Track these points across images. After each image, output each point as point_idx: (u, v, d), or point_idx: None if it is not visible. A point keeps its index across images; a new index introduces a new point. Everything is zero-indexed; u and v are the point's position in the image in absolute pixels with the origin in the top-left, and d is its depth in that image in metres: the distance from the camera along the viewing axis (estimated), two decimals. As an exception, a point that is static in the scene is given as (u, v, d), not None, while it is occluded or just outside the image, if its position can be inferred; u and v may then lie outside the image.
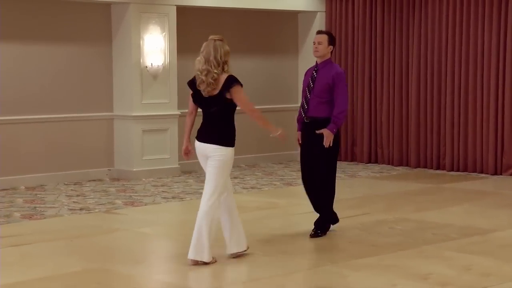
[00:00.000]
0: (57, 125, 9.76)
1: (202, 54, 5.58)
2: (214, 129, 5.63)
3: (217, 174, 5.60)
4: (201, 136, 5.69)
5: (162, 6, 10.10)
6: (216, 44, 5.58)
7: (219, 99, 5.57)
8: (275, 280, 5.39)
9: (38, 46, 9.57)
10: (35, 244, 6.49)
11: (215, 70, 5.53)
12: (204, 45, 5.63)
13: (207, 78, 5.53)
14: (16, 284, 5.29)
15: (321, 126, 6.46)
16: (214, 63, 5.53)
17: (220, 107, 5.60)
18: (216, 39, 5.61)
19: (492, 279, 5.34)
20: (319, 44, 6.55)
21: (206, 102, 5.63)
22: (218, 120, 5.64)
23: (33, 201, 8.42)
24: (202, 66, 5.56)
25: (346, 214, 7.64)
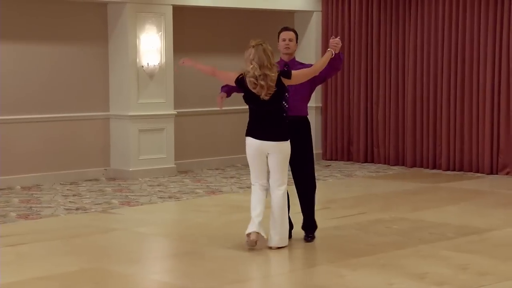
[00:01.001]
0: (53, 125, 9.75)
1: (254, 61, 5.84)
2: (273, 127, 5.94)
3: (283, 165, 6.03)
4: (260, 134, 5.95)
5: (159, 5, 10.09)
6: (265, 48, 5.88)
7: (276, 98, 5.90)
8: (272, 280, 5.39)
9: (35, 46, 9.56)
10: (31, 244, 6.47)
11: (272, 74, 5.84)
12: (252, 52, 5.88)
13: (266, 82, 5.82)
14: (13, 284, 5.28)
15: (301, 125, 6.32)
16: (269, 67, 5.84)
17: (278, 105, 5.95)
18: (261, 44, 5.91)
19: (488, 278, 5.34)
20: (290, 41, 6.39)
21: (262, 102, 5.89)
22: (275, 117, 5.95)
23: (29, 201, 8.40)
24: (258, 72, 5.82)
25: (343, 214, 7.64)
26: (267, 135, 5.95)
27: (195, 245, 6.40)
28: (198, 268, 5.65)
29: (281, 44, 6.39)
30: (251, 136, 6.02)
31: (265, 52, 5.86)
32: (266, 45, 5.93)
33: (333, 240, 6.67)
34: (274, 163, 6.01)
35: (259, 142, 5.97)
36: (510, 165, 10.19)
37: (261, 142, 5.96)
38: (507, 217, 7.48)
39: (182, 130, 10.72)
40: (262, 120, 5.97)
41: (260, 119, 5.98)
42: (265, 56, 5.85)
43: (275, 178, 6.05)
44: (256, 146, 5.99)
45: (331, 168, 11.03)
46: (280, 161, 6.01)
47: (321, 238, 6.82)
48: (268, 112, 5.95)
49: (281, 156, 6.00)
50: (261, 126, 5.97)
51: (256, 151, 6.01)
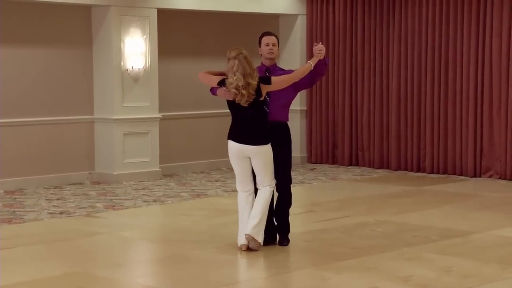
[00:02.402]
0: (37, 128, 9.70)
1: (238, 72, 5.88)
2: (252, 132, 6.02)
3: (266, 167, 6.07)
4: (240, 138, 6.04)
5: (143, 9, 10.07)
6: (245, 56, 5.93)
7: (255, 103, 5.97)
8: (257, 283, 5.38)
9: (18, 49, 9.51)
10: (14, 248, 6.43)
11: (254, 82, 5.90)
12: (235, 64, 5.89)
13: (248, 91, 5.89)
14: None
15: (280, 131, 6.26)
16: (251, 74, 5.91)
17: (258, 110, 6.02)
18: (241, 52, 5.93)
19: (472, 281, 5.37)
20: (273, 46, 6.30)
21: (242, 108, 5.97)
22: (255, 121, 6.02)
23: (12, 205, 8.35)
24: (241, 83, 5.88)
25: (327, 217, 7.65)
26: (246, 139, 6.03)
27: (180, 248, 6.39)
28: (182, 272, 5.64)
29: (264, 49, 6.32)
30: (232, 139, 6.11)
31: (246, 60, 5.93)
32: (245, 52, 5.97)
33: (318, 243, 6.68)
34: (256, 166, 6.10)
35: (239, 146, 6.06)
36: (493, 168, 10.25)
37: (241, 145, 6.05)
38: (490, 219, 7.51)
39: (167, 133, 10.70)
40: (243, 124, 6.06)
41: (240, 123, 6.07)
42: (247, 65, 5.91)
43: (260, 179, 6.13)
44: (237, 150, 6.08)
45: (316, 171, 11.05)
46: (262, 164, 6.08)
47: (305, 241, 6.82)
48: (248, 116, 6.02)
49: (263, 159, 6.07)
50: (241, 130, 6.06)
51: (237, 154, 6.10)
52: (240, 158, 6.11)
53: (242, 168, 6.14)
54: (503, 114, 10.09)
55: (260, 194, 6.12)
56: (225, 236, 6.77)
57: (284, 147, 6.26)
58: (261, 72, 6.27)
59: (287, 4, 11.65)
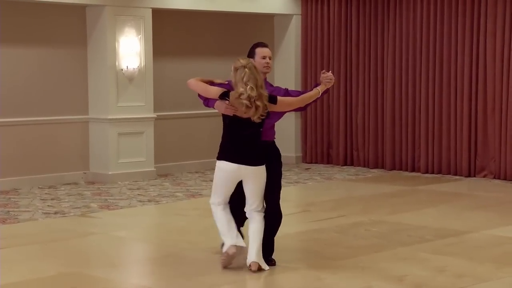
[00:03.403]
0: (32, 128, 9.69)
1: (250, 82, 5.33)
2: (252, 152, 5.47)
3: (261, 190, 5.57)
4: (238, 158, 5.45)
5: (138, 8, 10.07)
6: (256, 67, 5.44)
7: (261, 121, 5.45)
8: (251, 283, 5.39)
9: (12, 49, 9.49)
10: (9, 248, 6.42)
11: (266, 93, 5.42)
12: (246, 73, 5.35)
13: (262, 102, 5.36)
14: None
15: (270, 150, 5.68)
16: (262, 86, 5.42)
17: (258, 129, 5.48)
18: (249, 61, 5.44)
19: (466, 280, 5.38)
20: (269, 59, 5.69)
21: (245, 124, 5.43)
22: (253, 141, 5.48)
23: (7, 205, 8.34)
24: (255, 93, 5.33)
25: (322, 217, 7.66)
26: (245, 159, 5.45)
27: (175, 248, 6.38)
28: (177, 272, 5.63)
29: (260, 62, 5.64)
30: (227, 160, 5.47)
31: (257, 71, 5.41)
32: (252, 63, 5.48)
33: (313, 243, 6.68)
34: (252, 189, 5.53)
35: (236, 167, 5.45)
36: (487, 168, 10.27)
37: (239, 166, 5.45)
38: (484, 219, 7.53)
39: (162, 133, 10.70)
40: (241, 143, 5.46)
41: (238, 142, 5.47)
42: (258, 76, 5.40)
43: (254, 204, 5.57)
44: (232, 171, 5.47)
45: (311, 171, 11.06)
46: (258, 187, 5.54)
47: (300, 241, 6.83)
48: (249, 135, 5.46)
49: (259, 181, 5.53)
50: (239, 149, 5.45)
51: (231, 176, 5.50)
52: (232, 180, 5.52)
53: (230, 190, 5.57)
54: (497, 114, 10.11)
55: (256, 223, 5.58)
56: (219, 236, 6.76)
57: (276, 165, 5.68)
58: None
59: (282, 4, 11.66)
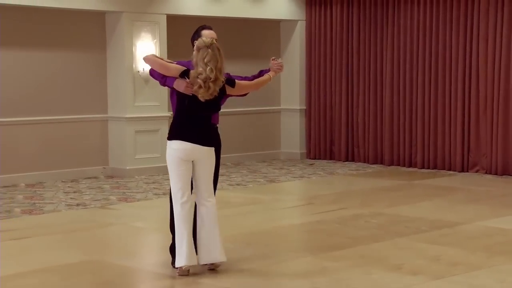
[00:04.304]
0: (56, 126, 9.73)
1: (211, 63, 4.92)
2: (206, 133, 5.09)
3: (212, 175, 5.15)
4: (193, 137, 5.03)
5: (153, 15, 10.08)
6: (219, 49, 5.00)
7: (216, 103, 5.07)
8: (259, 270, 5.39)
9: (38, 52, 9.53)
10: (34, 237, 6.46)
11: (222, 79, 5.00)
12: (207, 53, 4.94)
13: (214, 86, 4.94)
14: (17, 275, 5.27)
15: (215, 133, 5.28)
16: (222, 71, 5.00)
17: (215, 111, 5.14)
18: (214, 41, 5.00)
19: (459, 268, 5.38)
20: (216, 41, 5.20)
21: (202, 105, 5.01)
22: (207, 122, 5.12)
23: (33, 198, 8.38)
24: (213, 75, 4.92)
25: (325, 209, 7.66)
26: (200, 139, 5.03)
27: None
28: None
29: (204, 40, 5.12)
30: (181, 139, 5.02)
31: (220, 53, 4.97)
32: (219, 45, 5.03)
33: (316, 233, 6.69)
34: (202, 171, 5.09)
35: (191, 146, 5.01)
36: (480, 164, 10.26)
37: (193, 145, 5.02)
38: (477, 211, 7.52)
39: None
40: (197, 124, 5.06)
41: (194, 123, 5.05)
42: (220, 58, 4.96)
43: (204, 188, 5.11)
44: (187, 150, 5.02)
45: (315, 167, 11.06)
46: (209, 169, 5.11)
47: (305, 231, 6.84)
48: (204, 116, 5.08)
49: (210, 163, 5.11)
50: (194, 129, 5.04)
51: (185, 156, 5.03)
52: (186, 162, 5.05)
53: (186, 173, 5.07)
54: (488, 114, 10.09)
55: (210, 213, 5.12)
56: (230, 227, 6.78)
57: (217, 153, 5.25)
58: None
59: (288, 10, 11.65)
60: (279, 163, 11.50)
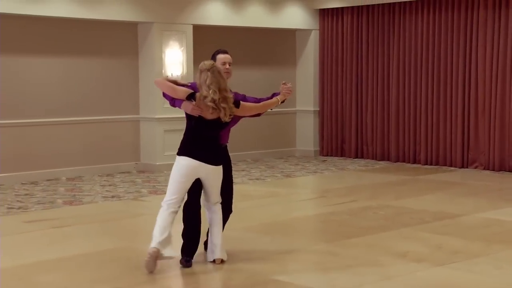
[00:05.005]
0: (93, 126, 9.79)
1: (213, 86, 4.75)
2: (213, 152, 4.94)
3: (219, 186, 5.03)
4: (200, 156, 4.89)
5: (181, 25, 10.11)
6: (219, 71, 4.85)
7: (220, 124, 4.92)
8: (277, 257, 5.40)
9: (78, 59, 9.59)
10: (74, 226, 6.50)
11: (230, 96, 4.85)
12: (208, 76, 4.77)
13: (228, 104, 4.80)
14: (59, 260, 5.32)
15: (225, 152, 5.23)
16: (226, 89, 4.84)
17: (221, 130, 4.97)
18: (215, 65, 4.86)
19: (460, 256, 5.35)
20: (229, 65, 5.15)
21: (210, 126, 4.90)
22: (215, 142, 4.97)
23: (73, 190, 8.44)
24: (217, 96, 4.76)
25: (337, 202, 7.65)
26: (206, 158, 4.88)
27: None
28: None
29: (221, 68, 5.05)
30: (189, 156, 4.87)
31: (220, 74, 4.83)
32: (217, 67, 4.90)
33: (329, 223, 6.68)
34: (211, 186, 4.98)
35: (198, 164, 4.86)
36: (478, 160, 10.18)
37: (200, 164, 4.86)
38: (475, 204, 7.47)
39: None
40: (203, 143, 4.91)
41: (201, 142, 4.91)
42: (221, 79, 4.81)
43: (213, 198, 5.05)
44: (192, 167, 4.87)
45: (327, 163, 11.03)
46: (217, 183, 5.01)
47: (319, 222, 6.83)
48: (210, 136, 4.93)
49: (218, 180, 5.00)
50: (201, 148, 4.89)
51: (190, 171, 4.88)
52: (189, 176, 4.90)
53: (184, 186, 4.93)
54: (486, 115, 10.02)
55: (215, 214, 5.07)
56: (250, 217, 6.79)
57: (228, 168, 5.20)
58: None
59: (303, 20, 11.63)
60: (295, 159, 11.49)
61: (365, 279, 4.78)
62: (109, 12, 9.44)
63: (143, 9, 9.76)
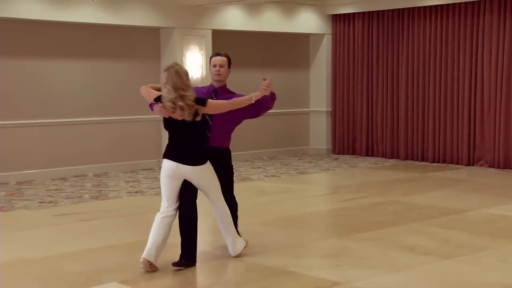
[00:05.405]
0: (118, 125, 9.85)
1: (168, 84, 4.54)
2: (189, 152, 4.70)
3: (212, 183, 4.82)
4: (176, 157, 4.70)
5: (200, 30, 10.15)
6: (177, 70, 4.58)
7: (193, 122, 4.67)
8: (290, 250, 5.41)
9: (104, 63, 9.65)
10: (100, 219, 6.56)
11: (188, 94, 4.57)
12: (165, 76, 4.57)
13: (185, 102, 4.55)
14: (86, 251, 5.36)
15: (223, 155, 5.03)
16: (184, 88, 4.57)
17: (195, 130, 4.72)
18: (174, 65, 4.63)
19: (466, 249, 5.33)
20: (220, 67, 4.94)
21: (179, 126, 4.69)
22: (192, 142, 4.73)
23: (99, 186, 8.50)
24: (173, 95, 4.55)
25: (348, 197, 7.64)
26: (183, 159, 4.67)
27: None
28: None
29: (212, 70, 5.01)
30: (168, 158, 4.71)
31: (177, 74, 4.55)
32: (179, 67, 4.63)
33: (341, 218, 6.68)
34: (198, 186, 4.78)
35: (175, 165, 4.69)
36: (484, 158, 10.11)
37: (177, 165, 4.68)
38: (481, 200, 7.43)
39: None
40: (179, 144, 4.70)
41: (177, 143, 4.71)
42: (178, 78, 4.54)
43: (210, 197, 4.88)
44: (172, 169, 4.70)
45: (339, 161, 11.02)
46: (204, 185, 4.78)
47: (331, 217, 6.83)
48: (185, 136, 4.70)
49: (201, 180, 4.75)
50: (178, 149, 4.69)
51: (172, 174, 4.71)
52: (173, 178, 4.72)
53: (171, 188, 4.75)
54: (492, 115, 9.96)
55: (218, 213, 4.92)
56: (266, 212, 6.81)
57: (226, 169, 5.01)
58: (207, 93, 5.00)
59: (316, 25, 11.62)
60: (308, 157, 11.48)
61: (375, 271, 4.78)
62: (133, 18, 9.50)
63: (165, 15, 9.80)
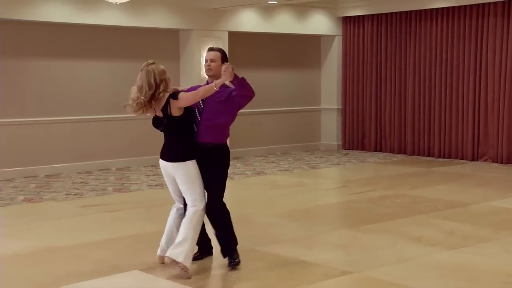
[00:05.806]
0: (140, 122, 9.86)
1: (137, 83, 4.47)
2: (169, 148, 4.53)
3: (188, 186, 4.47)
4: (162, 154, 4.58)
5: (218, 31, 10.15)
6: (148, 69, 4.45)
7: (168, 118, 4.44)
8: (302, 241, 5.41)
9: (126, 63, 9.68)
10: (123, 211, 6.59)
11: (142, 97, 4.40)
12: (139, 76, 4.49)
13: (137, 106, 4.47)
14: (109, 240, 5.40)
15: (214, 152, 4.63)
16: (146, 88, 4.41)
17: (168, 125, 4.46)
18: (149, 63, 4.49)
19: (470, 240, 5.29)
20: (211, 62, 4.59)
21: (159, 122, 4.53)
22: (172, 138, 4.54)
23: (121, 179, 8.54)
24: (134, 95, 4.48)
25: (358, 191, 7.62)
26: (165, 155, 4.53)
27: (245, 213, 6.42)
28: (247, 230, 5.64)
29: (204, 65, 4.75)
30: (160, 156, 4.60)
31: (147, 73, 4.44)
32: (153, 65, 4.49)
33: (350, 210, 6.66)
34: (179, 184, 4.51)
35: (161, 162, 4.57)
36: (488, 154, 10.04)
37: (161, 161, 4.56)
38: (485, 194, 7.38)
39: (235, 125, 10.65)
40: (165, 141, 4.58)
41: (165, 140, 4.59)
42: (146, 77, 4.43)
43: (186, 198, 4.53)
44: (162, 166, 4.58)
45: (349, 156, 10.98)
46: (182, 182, 4.47)
47: (340, 209, 6.82)
48: (164, 132, 4.56)
49: (182, 178, 4.46)
50: (163, 146, 4.58)
51: (163, 171, 4.59)
52: (166, 175, 4.58)
53: (169, 184, 4.62)
54: (495, 112, 9.88)
55: (188, 217, 4.50)
56: (279, 205, 6.81)
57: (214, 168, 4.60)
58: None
59: (327, 26, 11.57)
60: (320, 152, 11.46)
61: (383, 261, 4.77)
62: (154, 20, 9.52)
63: (184, 18, 9.81)
